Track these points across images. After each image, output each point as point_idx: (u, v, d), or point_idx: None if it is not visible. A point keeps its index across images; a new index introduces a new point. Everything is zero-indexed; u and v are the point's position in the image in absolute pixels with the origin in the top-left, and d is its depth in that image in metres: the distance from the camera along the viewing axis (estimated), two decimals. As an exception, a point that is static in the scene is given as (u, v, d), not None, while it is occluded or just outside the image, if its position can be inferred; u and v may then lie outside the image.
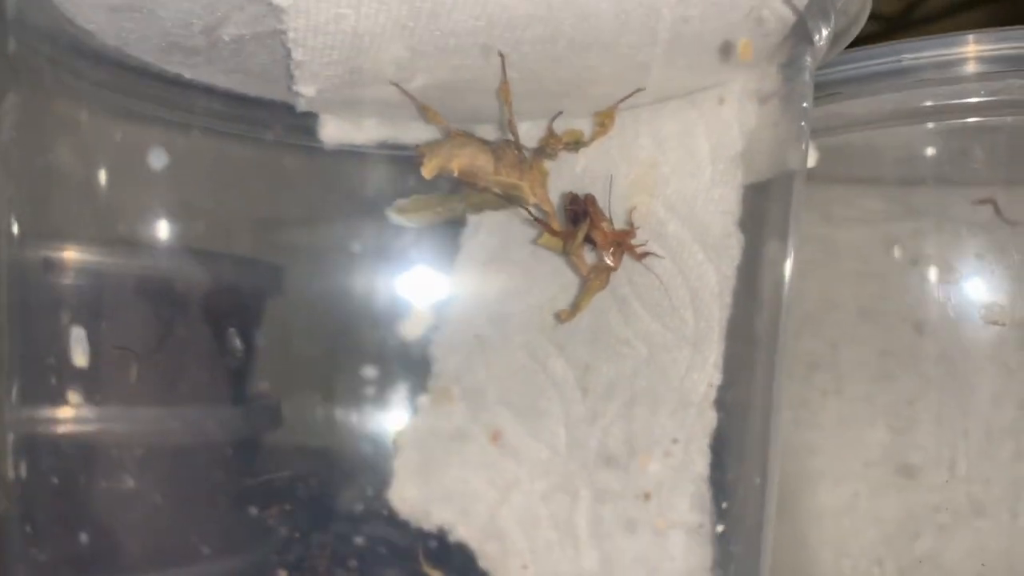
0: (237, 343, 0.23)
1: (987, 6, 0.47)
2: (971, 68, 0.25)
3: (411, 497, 0.25)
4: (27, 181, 0.20)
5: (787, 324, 0.22)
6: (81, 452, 0.20)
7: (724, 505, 0.22)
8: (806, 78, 0.22)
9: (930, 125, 0.27)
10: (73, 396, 0.19)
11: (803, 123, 0.22)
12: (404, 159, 0.24)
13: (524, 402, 0.25)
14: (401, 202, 0.24)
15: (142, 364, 0.20)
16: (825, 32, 0.21)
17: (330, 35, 0.19)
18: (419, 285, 0.25)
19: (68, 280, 0.20)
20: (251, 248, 0.25)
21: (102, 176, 0.21)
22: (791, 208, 0.22)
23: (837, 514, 0.29)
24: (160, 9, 0.19)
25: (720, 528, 0.22)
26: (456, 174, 0.22)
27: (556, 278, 0.25)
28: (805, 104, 0.22)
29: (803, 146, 0.23)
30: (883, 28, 0.48)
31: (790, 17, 0.20)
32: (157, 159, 0.20)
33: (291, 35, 0.19)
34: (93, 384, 0.19)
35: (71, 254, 0.20)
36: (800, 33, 0.21)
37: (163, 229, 0.22)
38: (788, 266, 0.22)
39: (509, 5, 0.18)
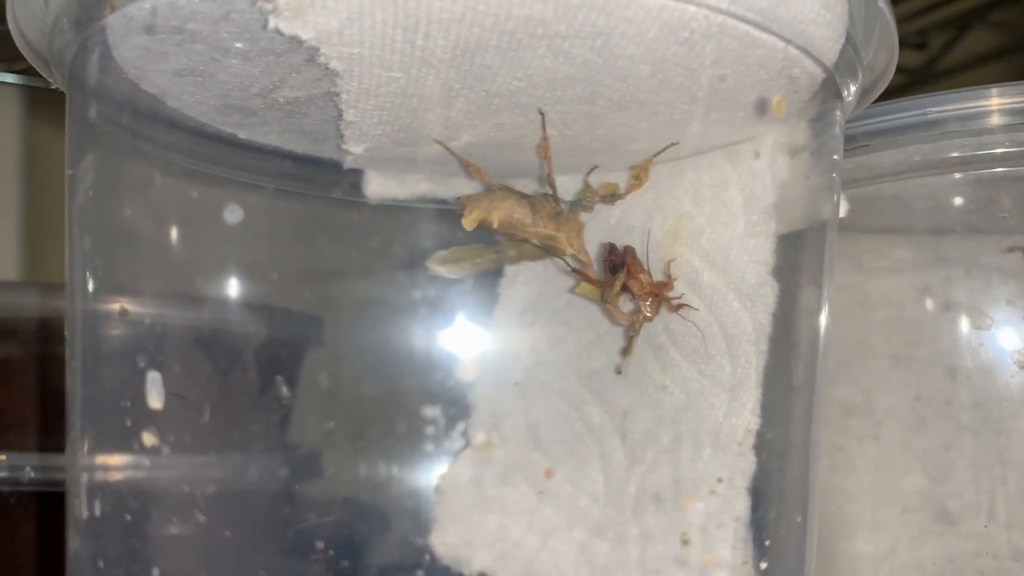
0: (284, 391, 0.24)
1: (1007, 59, 0.48)
2: (995, 120, 0.26)
3: (452, 543, 0.25)
4: (102, 237, 0.21)
5: (824, 370, 0.23)
6: (154, 491, 0.21)
7: (767, 543, 0.22)
8: (836, 132, 0.23)
9: (957, 175, 0.27)
10: (148, 438, 0.20)
11: (834, 175, 0.23)
12: (445, 212, 0.25)
13: (562, 449, 0.25)
14: (441, 253, 0.25)
15: (205, 410, 0.21)
16: (854, 88, 0.22)
17: (381, 97, 0.20)
18: (460, 334, 0.26)
19: (141, 328, 0.21)
20: (300, 300, 0.26)
21: (171, 233, 0.22)
22: (824, 257, 0.23)
23: (876, 561, 0.29)
24: (221, 73, 0.20)
25: (764, 565, 0.22)
26: (495, 226, 0.23)
27: (592, 326, 0.25)
28: (836, 156, 0.23)
29: (835, 197, 0.23)
30: (907, 80, 0.49)
31: (820, 75, 0.20)
32: (231, 216, 0.22)
33: (344, 97, 0.20)
34: (167, 426, 0.20)
35: (143, 305, 0.21)
36: (830, 89, 0.21)
37: (225, 283, 0.23)
38: (824, 314, 0.23)
39: (551, 68, 0.19)
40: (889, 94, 0.25)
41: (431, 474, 0.25)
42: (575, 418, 0.25)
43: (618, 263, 0.22)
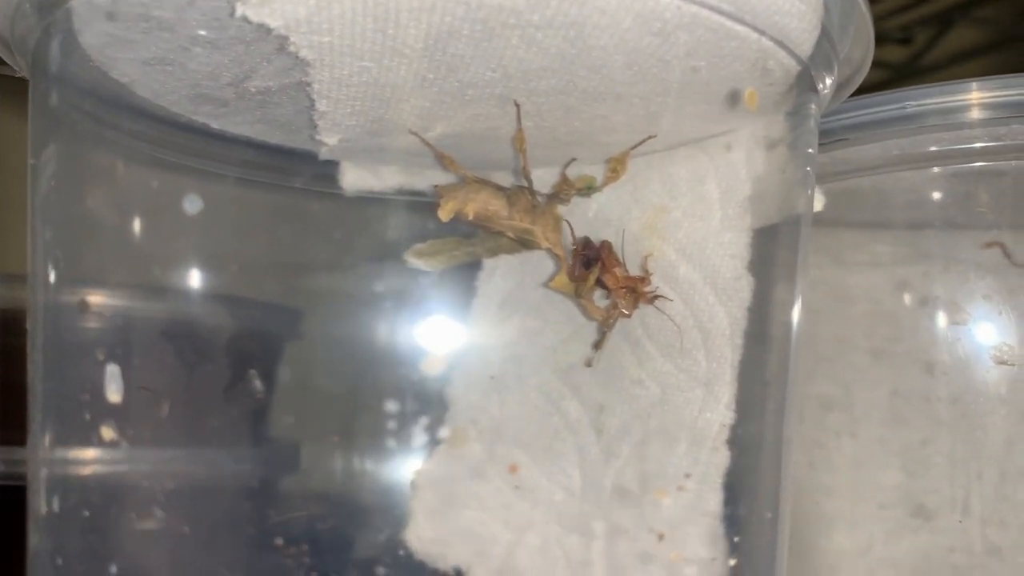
0: (258, 385, 0.24)
1: (991, 55, 0.48)
2: (975, 114, 0.26)
3: (428, 537, 0.25)
4: (64, 227, 0.21)
5: (797, 364, 0.23)
6: (113, 486, 0.20)
7: (736, 539, 0.22)
8: (811, 125, 0.22)
9: (936, 170, 0.27)
10: (107, 432, 0.19)
11: (809, 168, 0.23)
12: (422, 204, 0.25)
13: (539, 443, 0.25)
14: (418, 246, 0.24)
15: (169, 403, 0.21)
16: (829, 81, 0.22)
17: (353, 87, 0.20)
18: (437, 327, 0.25)
19: (103, 321, 0.21)
20: (273, 292, 0.26)
21: (136, 223, 0.22)
22: (799, 251, 0.23)
23: (853, 556, 0.29)
24: (191, 62, 0.19)
25: (733, 562, 0.22)
26: (471, 218, 0.23)
27: (569, 320, 0.25)
28: (811, 150, 0.23)
29: (809, 191, 0.23)
30: (891, 76, 0.49)
31: (795, 67, 0.20)
32: (190, 206, 0.21)
33: (316, 87, 0.20)
34: (126, 420, 0.20)
35: (106, 297, 0.21)
36: (805, 82, 0.21)
37: (192, 274, 0.23)
38: (797, 307, 0.23)
39: (524, 58, 0.19)
40: (872, 89, 0.25)
41: (406, 469, 0.25)
42: (551, 412, 0.25)
43: (592, 257, 0.22)
